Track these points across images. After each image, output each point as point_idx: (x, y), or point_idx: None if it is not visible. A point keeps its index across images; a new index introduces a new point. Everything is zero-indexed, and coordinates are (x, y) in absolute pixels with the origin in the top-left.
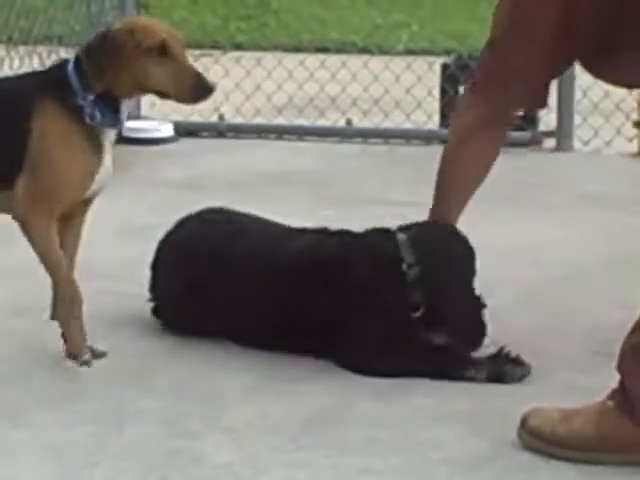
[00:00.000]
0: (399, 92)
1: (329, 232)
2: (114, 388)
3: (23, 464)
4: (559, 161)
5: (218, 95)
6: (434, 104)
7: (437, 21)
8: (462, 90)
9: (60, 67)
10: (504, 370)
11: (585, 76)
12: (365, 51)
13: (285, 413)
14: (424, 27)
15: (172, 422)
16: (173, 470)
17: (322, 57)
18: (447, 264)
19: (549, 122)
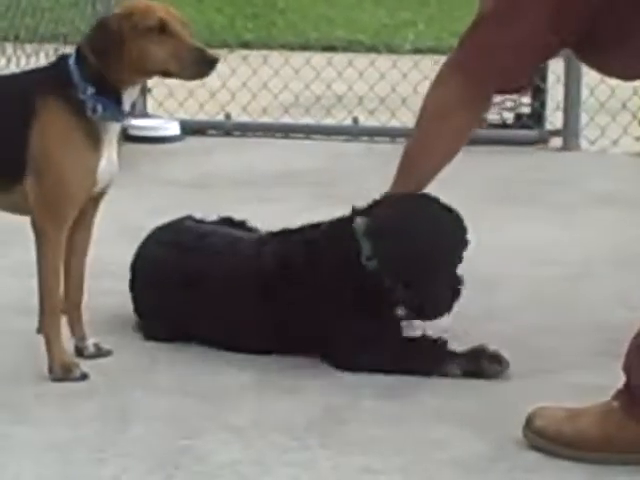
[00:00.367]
0: (406, 90)
1: (290, 231)
2: (120, 386)
3: (29, 461)
4: (565, 160)
5: (224, 94)
6: None
7: (444, 20)
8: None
9: (61, 62)
10: (481, 366)
11: (592, 74)
12: (372, 50)
13: (290, 412)
14: (431, 26)
15: (177, 420)
16: (178, 468)
17: (329, 56)
18: (407, 245)
19: (556, 121)
